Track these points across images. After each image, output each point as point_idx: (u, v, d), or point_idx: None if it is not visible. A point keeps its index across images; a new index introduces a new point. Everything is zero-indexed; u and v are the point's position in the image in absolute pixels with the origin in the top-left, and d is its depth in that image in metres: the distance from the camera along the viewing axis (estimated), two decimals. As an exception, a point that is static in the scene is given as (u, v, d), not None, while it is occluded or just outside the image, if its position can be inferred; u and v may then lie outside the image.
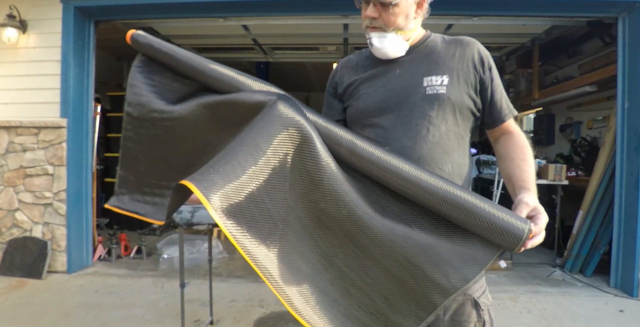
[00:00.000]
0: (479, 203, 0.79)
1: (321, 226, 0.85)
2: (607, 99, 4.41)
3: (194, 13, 3.63)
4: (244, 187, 0.72)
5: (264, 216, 0.77)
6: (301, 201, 0.83)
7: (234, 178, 0.71)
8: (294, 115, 0.81)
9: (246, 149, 0.75)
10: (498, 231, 0.76)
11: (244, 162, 0.73)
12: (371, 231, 0.82)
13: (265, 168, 0.76)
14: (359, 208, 0.82)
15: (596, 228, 3.48)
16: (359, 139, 0.87)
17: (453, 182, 0.85)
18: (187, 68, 0.97)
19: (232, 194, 0.70)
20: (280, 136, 0.78)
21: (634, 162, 3.10)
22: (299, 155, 0.80)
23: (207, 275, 2.63)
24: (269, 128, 0.77)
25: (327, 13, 3.60)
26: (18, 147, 3.42)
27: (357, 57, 1.11)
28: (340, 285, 0.86)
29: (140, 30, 1.05)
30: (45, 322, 2.44)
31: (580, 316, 2.64)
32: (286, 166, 0.79)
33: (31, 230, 3.41)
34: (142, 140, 1.01)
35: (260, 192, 0.75)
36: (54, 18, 3.36)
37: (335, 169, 0.83)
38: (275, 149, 0.77)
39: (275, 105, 0.81)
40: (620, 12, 3.22)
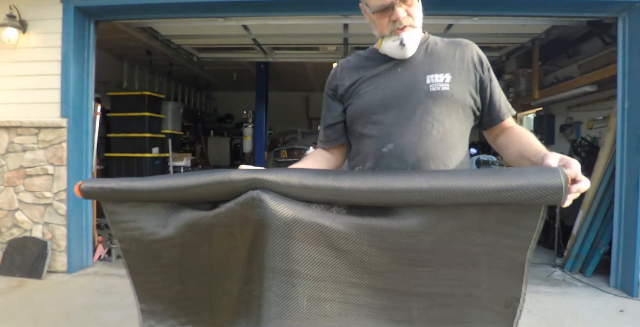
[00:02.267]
0: (498, 175, 0.73)
1: (385, 275, 0.84)
2: (607, 99, 4.41)
3: (194, 13, 3.63)
4: (297, 308, 0.80)
5: (336, 314, 0.83)
6: (353, 274, 0.84)
7: (274, 311, 0.78)
8: (286, 215, 0.78)
9: (271, 281, 0.79)
10: (534, 190, 0.69)
11: (274, 288, 0.79)
12: (423, 245, 0.80)
13: (297, 279, 0.80)
14: (397, 233, 0.80)
15: (596, 228, 3.48)
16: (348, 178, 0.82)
17: (455, 170, 0.84)
18: (144, 194, 0.92)
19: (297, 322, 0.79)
20: (290, 244, 0.79)
21: (634, 162, 3.10)
22: (326, 244, 0.81)
23: (207, 275, 2.62)
24: (273, 247, 0.79)
25: (327, 13, 3.60)
26: (18, 147, 3.42)
27: (356, 59, 1.12)
28: (437, 303, 0.85)
29: (84, 182, 0.97)
30: (45, 322, 2.44)
31: (580, 316, 2.64)
32: (312, 260, 0.81)
33: (31, 230, 3.41)
34: (157, 272, 0.99)
35: (319, 299, 0.81)
36: (54, 18, 3.36)
37: (356, 216, 0.81)
38: (288, 257, 0.79)
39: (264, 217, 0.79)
40: (620, 12, 3.22)
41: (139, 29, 4.39)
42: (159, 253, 0.95)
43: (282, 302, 0.79)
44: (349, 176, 0.80)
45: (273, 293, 0.80)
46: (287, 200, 0.79)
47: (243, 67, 7.15)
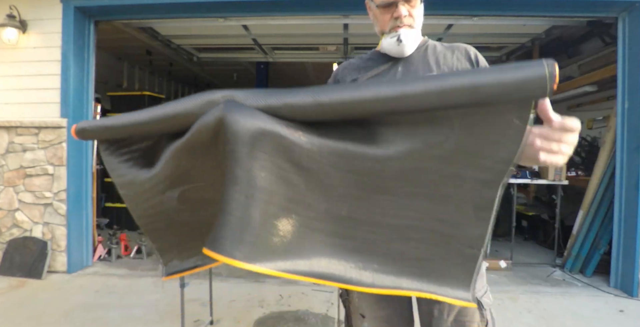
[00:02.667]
0: (475, 72, 0.69)
1: (344, 201, 0.80)
2: (607, 99, 4.42)
3: (194, 13, 3.63)
4: (250, 223, 0.72)
5: (291, 232, 0.77)
6: (312, 196, 0.79)
7: (236, 222, 0.71)
8: (250, 123, 0.73)
9: (228, 184, 0.72)
10: (515, 82, 0.65)
11: (230, 199, 0.72)
12: (388, 171, 0.76)
13: (258, 193, 0.73)
14: (363, 157, 0.76)
15: (596, 228, 3.48)
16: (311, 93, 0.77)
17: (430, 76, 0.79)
18: (137, 127, 0.92)
19: (248, 237, 0.71)
20: (251, 153, 0.73)
21: (634, 162, 3.10)
22: (282, 157, 0.75)
23: (207, 275, 2.63)
24: (234, 155, 0.73)
25: (327, 13, 3.60)
26: (18, 147, 3.42)
27: (358, 60, 1.13)
28: (397, 236, 0.81)
29: (79, 124, 1.00)
30: (45, 322, 2.44)
31: (580, 316, 2.64)
32: (275, 176, 0.75)
33: (31, 230, 3.41)
34: (153, 213, 1.00)
35: (264, 214, 0.74)
36: (54, 18, 3.36)
37: (320, 141, 0.76)
38: (252, 163, 0.72)
39: (227, 120, 0.74)
40: (620, 12, 3.22)
41: (139, 29, 4.39)
42: (153, 192, 0.95)
43: (237, 214, 0.72)
44: (312, 90, 0.76)
45: (233, 204, 0.72)
46: (254, 110, 0.75)
47: (243, 67, 7.15)
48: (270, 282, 3.20)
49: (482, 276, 0.99)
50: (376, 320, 1.03)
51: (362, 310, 1.04)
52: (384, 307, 1.02)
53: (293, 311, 2.66)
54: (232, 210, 0.72)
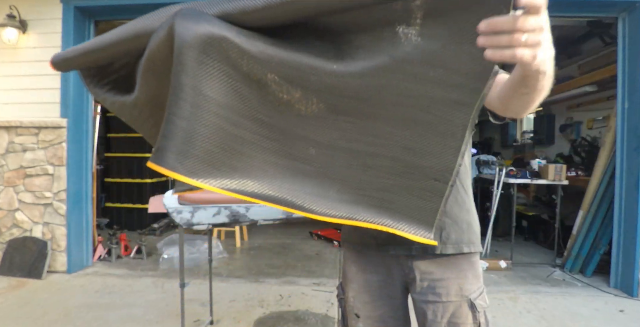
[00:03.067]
0: None
1: (299, 118, 0.72)
2: (607, 99, 4.42)
3: (194, 13, 3.63)
4: (193, 135, 0.65)
5: (235, 147, 0.69)
6: (263, 108, 0.71)
7: (179, 132, 0.64)
8: (199, 28, 0.67)
9: (175, 95, 0.66)
10: None
11: (177, 109, 0.65)
12: (348, 88, 0.68)
13: (202, 102, 0.66)
14: (322, 71, 0.68)
15: (596, 228, 3.48)
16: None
17: None
18: (108, 49, 0.88)
19: (187, 148, 0.65)
20: (200, 60, 0.66)
21: (634, 162, 3.10)
22: (230, 64, 0.67)
23: (207, 275, 2.63)
24: (183, 59, 0.66)
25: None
26: (18, 147, 3.42)
27: None
28: (356, 163, 0.74)
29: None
30: (45, 322, 2.44)
31: (580, 316, 2.64)
32: (223, 85, 0.68)
33: (31, 230, 3.41)
34: (140, 120, 0.96)
35: (214, 130, 0.67)
36: (54, 18, 3.36)
37: (276, 50, 0.69)
38: (202, 75, 0.66)
39: (173, 27, 0.69)
40: (620, 12, 3.22)
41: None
42: (143, 117, 0.92)
43: (183, 125, 0.66)
44: None
45: (177, 114, 0.66)
46: (205, 15, 0.69)
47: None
48: (270, 282, 3.20)
49: (478, 277, 0.97)
50: (370, 319, 1.02)
51: (357, 310, 1.04)
52: (378, 307, 1.02)
53: (293, 311, 2.66)
54: (177, 120, 0.65)
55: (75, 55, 0.91)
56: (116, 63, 0.93)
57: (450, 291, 0.93)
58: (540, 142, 5.89)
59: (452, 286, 0.94)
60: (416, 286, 0.97)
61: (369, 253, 1.02)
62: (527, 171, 3.91)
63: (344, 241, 1.10)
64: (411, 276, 0.97)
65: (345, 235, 1.10)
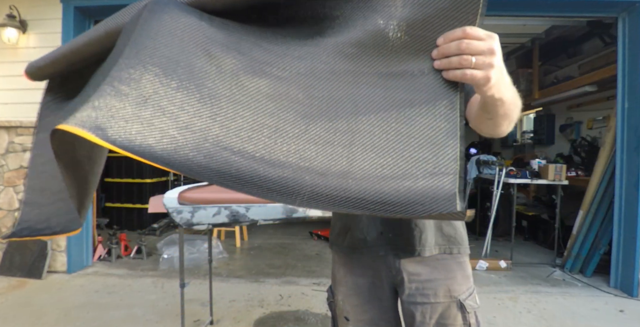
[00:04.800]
0: None
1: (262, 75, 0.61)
2: (607, 99, 4.42)
3: (194, 13, 3.63)
4: (126, 101, 0.53)
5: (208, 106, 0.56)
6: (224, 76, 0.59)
7: (109, 100, 0.52)
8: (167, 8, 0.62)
9: (125, 61, 0.56)
10: None
11: (125, 75, 0.54)
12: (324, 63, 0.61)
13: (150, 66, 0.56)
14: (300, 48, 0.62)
15: (596, 228, 3.48)
16: None
17: None
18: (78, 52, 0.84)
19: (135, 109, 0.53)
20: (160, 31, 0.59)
21: (634, 162, 3.10)
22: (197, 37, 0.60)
23: (207, 275, 2.63)
24: (140, 31, 0.59)
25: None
26: (18, 147, 3.42)
27: None
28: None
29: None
30: (45, 322, 2.44)
31: (580, 316, 2.64)
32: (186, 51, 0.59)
33: (31, 230, 3.41)
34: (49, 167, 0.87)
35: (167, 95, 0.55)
36: (54, 18, 3.36)
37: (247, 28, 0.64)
38: (163, 42, 0.58)
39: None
40: (620, 12, 3.22)
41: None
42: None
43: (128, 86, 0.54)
44: None
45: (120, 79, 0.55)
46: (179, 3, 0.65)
47: (243, 67, 7.15)
48: (270, 282, 3.20)
49: (467, 278, 0.96)
50: (361, 322, 1.01)
51: (346, 313, 1.03)
52: (367, 310, 1.01)
53: (293, 311, 2.66)
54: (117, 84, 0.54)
55: (46, 63, 0.86)
56: (84, 69, 0.87)
57: (438, 291, 0.93)
58: (540, 142, 5.89)
59: (440, 286, 0.93)
60: (404, 287, 0.96)
61: (357, 256, 1.02)
62: (527, 171, 3.91)
63: (332, 243, 1.09)
64: (399, 277, 0.97)
65: (333, 237, 1.08)
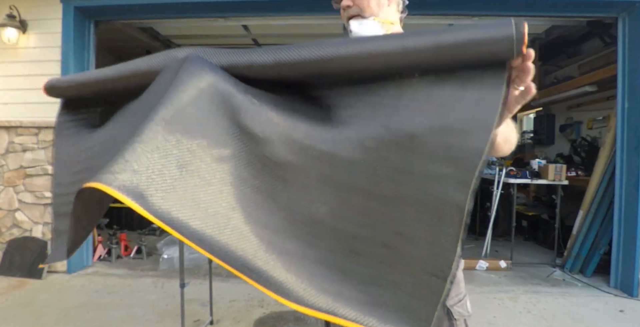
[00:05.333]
0: (438, 31, 0.59)
1: (285, 184, 0.66)
2: (607, 99, 4.42)
3: (194, 13, 3.63)
4: (164, 171, 0.57)
5: (215, 201, 0.61)
6: (248, 166, 0.65)
7: (146, 162, 0.55)
8: (202, 72, 0.65)
9: (154, 126, 0.58)
10: (478, 41, 0.56)
11: (150, 139, 0.57)
12: (342, 160, 0.63)
13: (186, 144, 0.60)
14: (318, 139, 0.64)
15: (596, 228, 3.48)
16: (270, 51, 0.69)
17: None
18: (103, 83, 0.87)
19: (139, 166, 0.55)
20: (195, 102, 0.62)
21: (634, 162, 3.10)
22: (227, 115, 0.64)
23: (207, 275, 2.63)
24: (176, 99, 0.62)
25: (327, 13, 3.59)
26: (18, 147, 3.42)
27: None
28: (342, 248, 0.65)
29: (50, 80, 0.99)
30: (45, 322, 2.44)
31: (580, 316, 2.64)
32: (214, 131, 0.63)
33: (31, 230, 3.41)
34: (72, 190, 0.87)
35: (192, 176, 0.59)
36: (54, 18, 3.36)
37: (276, 109, 0.67)
38: (195, 117, 0.61)
39: (180, 69, 0.67)
40: (620, 12, 3.22)
41: (139, 29, 4.39)
42: (81, 156, 0.88)
43: (152, 157, 0.56)
44: (273, 49, 0.68)
45: (150, 147, 0.57)
46: (212, 65, 0.68)
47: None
48: (270, 282, 3.20)
49: (457, 283, 0.91)
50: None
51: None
52: None
53: (293, 311, 2.66)
54: (139, 146, 0.56)
55: (69, 85, 0.91)
56: (101, 100, 0.91)
57: None
58: (540, 142, 5.89)
59: None
60: None
61: None
62: (527, 171, 3.91)
63: None
64: None
65: None
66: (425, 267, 0.60)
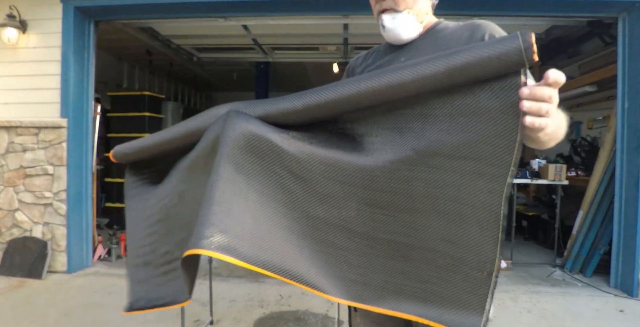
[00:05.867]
0: (447, 55, 0.64)
1: (340, 211, 0.76)
2: (607, 99, 4.42)
3: (194, 13, 3.63)
4: (243, 225, 0.67)
5: (284, 237, 0.72)
6: (307, 203, 0.76)
7: (227, 221, 0.66)
8: (246, 129, 0.74)
9: (222, 185, 0.69)
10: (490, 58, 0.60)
11: (223, 199, 0.67)
12: (381, 182, 0.72)
13: (252, 194, 0.71)
14: (357, 167, 0.73)
15: (596, 228, 3.48)
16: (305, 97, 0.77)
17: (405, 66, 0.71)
18: (162, 145, 0.98)
19: (236, 236, 0.65)
20: (242, 153, 0.72)
21: (634, 162, 3.10)
22: (277, 163, 0.74)
23: (207, 275, 2.63)
24: (232, 158, 0.72)
25: (327, 13, 3.60)
26: (18, 147, 3.42)
27: (369, 52, 1.11)
28: (398, 255, 0.76)
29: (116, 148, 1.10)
30: (45, 322, 2.44)
31: (580, 316, 2.64)
32: (269, 181, 0.74)
33: (31, 230, 3.41)
34: (147, 241, 1.02)
35: (264, 219, 0.71)
36: (54, 18, 3.36)
37: (312, 149, 0.75)
38: (245, 167, 0.72)
39: (224, 128, 0.76)
40: (620, 12, 3.22)
41: (139, 29, 4.39)
42: (152, 210, 0.99)
43: (225, 209, 0.67)
44: (298, 96, 0.76)
45: (216, 202, 0.67)
46: (249, 117, 0.76)
47: (243, 67, 7.15)
48: (270, 282, 3.20)
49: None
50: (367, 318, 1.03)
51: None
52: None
53: (293, 311, 2.66)
54: (215, 207, 0.66)
55: (133, 151, 1.04)
56: (159, 159, 1.04)
57: None
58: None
59: None
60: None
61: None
62: (527, 171, 3.91)
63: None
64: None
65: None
66: (473, 265, 0.70)
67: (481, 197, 0.67)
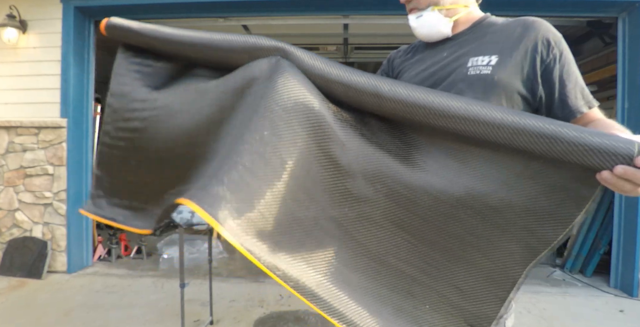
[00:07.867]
0: (561, 125, 0.60)
1: (360, 219, 0.69)
2: (607, 99, 4.42)
3: (194, 13, 3.63)
4: (258, 197, 0.59)
5: (290, 226, 0.64)
6: (329, 197, 0.68)
7: (243, 187, 0.58)
8: (298, 90, 0.66)
9: (250, 147, 0.60)
10: (599, 149, 0.57)
11: (250, 164, 0.59)
12: (419, 206, 0.67)
13: (279, 168, 0.62)
14: (400, 180, 0.67)
15: (596, 228, 3.48)
16: (386, 83, 0.69)
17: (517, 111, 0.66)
18: (170, 43, 0.86)
19: (245, 207, 0.58)
20: (289, 122, 0.64)
21: (634, 162, 3.10)
22: (317, 142, 0.66)
23: (207, 275, 2.63)
24: (270, 115, 0.63)
25: (327, 13, 3.59)
26: (18, 147, 3.42)
27: (409, 46, 1.09)
28: (400, 287, 0.70)
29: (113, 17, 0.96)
30: (45, 322, 2.44)
31: (580, 316, 2.64)
32: (304, 159, 0.65)
33: (31, 230, 3.41)
34: (121, 136, 0.88)
35: (278, 199, 0.62)
36: (54, 18, 3.36)
37: (361, 141, 0.68)
38: (287, 140, 0.63)
39: (273, 78, 0.68)
40: (620, 12, 3.22)
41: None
42: (135, 115, 0.87)
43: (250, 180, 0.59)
44: (376, 78, 0.68)
45: (249, 169, 0.60)
46: (304, 78, 0.68)
47: (243, 67, 7.15)
48: (270, 282, 3.20)
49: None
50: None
51: None
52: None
53: (293, 311, 2.66)
54: (247, 175, 0.59)
55: (139, 34, 0.90)
56: (161, 57, 0.90)
57: None
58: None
59: None
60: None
61: None
62: (527, 171, 3.91)
63: None
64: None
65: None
66: (468, 318, 0.67)
67: (508, 260, 0.65)
